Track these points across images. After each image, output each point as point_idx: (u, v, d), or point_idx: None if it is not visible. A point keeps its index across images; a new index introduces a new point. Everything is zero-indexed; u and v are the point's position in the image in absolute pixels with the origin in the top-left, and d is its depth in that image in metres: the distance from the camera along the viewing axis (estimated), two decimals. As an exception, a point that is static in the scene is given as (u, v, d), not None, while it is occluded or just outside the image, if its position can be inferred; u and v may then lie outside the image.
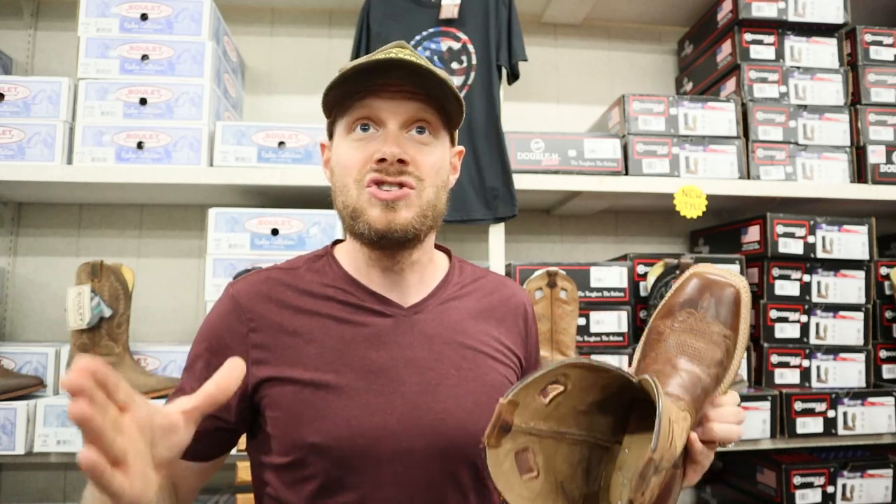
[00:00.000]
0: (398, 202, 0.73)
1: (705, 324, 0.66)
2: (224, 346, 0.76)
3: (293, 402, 0.74)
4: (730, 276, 0.68)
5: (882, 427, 1.54)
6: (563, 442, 0.61)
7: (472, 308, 0.85)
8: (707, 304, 0.67)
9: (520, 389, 0.56)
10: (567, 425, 0.61)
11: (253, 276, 0.82)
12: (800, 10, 1.68)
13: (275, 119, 1.84)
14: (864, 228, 1.61)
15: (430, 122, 0.77)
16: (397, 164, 0.73)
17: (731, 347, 0.66)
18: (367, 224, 0.74)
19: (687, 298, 0.68)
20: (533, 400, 0.58)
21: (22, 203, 1.73)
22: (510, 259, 1.60)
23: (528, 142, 1.57)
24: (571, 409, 0.61)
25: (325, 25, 1.90)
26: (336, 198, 0.78)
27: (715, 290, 0.67)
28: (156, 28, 1.47)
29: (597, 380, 0.60)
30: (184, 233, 1.78)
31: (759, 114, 1.64)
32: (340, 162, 0.77)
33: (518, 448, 0.58)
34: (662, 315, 0.69)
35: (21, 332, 1.70)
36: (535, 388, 0.57)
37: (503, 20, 1.57)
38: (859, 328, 1.60)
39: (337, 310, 0.78)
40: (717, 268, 0.70)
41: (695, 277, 0.69)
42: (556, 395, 0.59)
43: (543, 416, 0.59)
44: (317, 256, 0.85)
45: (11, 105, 1.42)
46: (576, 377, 0.59)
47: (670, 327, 0.67)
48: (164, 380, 1.37)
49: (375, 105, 0.75)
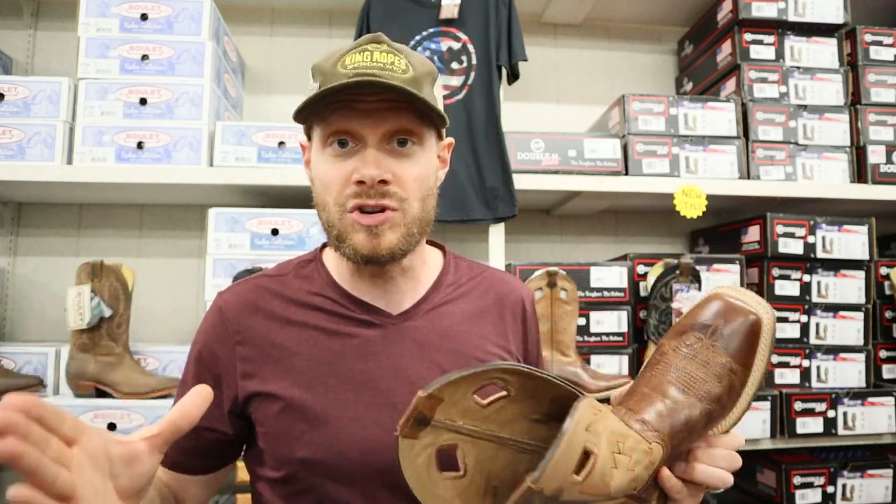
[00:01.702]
0: (382, 226, 0.70)
1: (712, 353, 0.59)
2: (214, 359, 0.76)
3: (281, 417, 0.72)
4: (755, 304, 0.61)
5: (882, 427, 1.53)
6: (507, 448, 0.58)
7: (466, 310, 0.82)
8: (720, 331, 0.60)
9: (443, 385, 0.52)
10: (514, 432, 0.58)
11: (241, 285, 0.80)
12: (800, 10, 1.68)
13: (275, 119, 1.84)
14: (864, 228, 1.61)
15: (412, 131, 0.72)
16: (378, 186, 0.69)
17: (736, 384, 0.59)
18: (352, 249, 0.71)
19: (701, 321, 0.61)
20: (464, 398, 0.54)
21: (22, 203, 1.73)
22: (510, 259, 1.60)
23: (528, 142, 1.57)
24: (519, 416, 0.58)
25: (325, 25, 1.90)
26: (318, 211, 0.75)
27: (732, 317, 0.60)
28: (156, 28, 1.47)
29: (546, 389, 0.56)
30: (184, 233, 1.77)
31: (759, 114, 1.64)
32: (319, 178, 0.73)
33: (441, 444, 0.55)
34: (672, 335, 0.63)
35: (21, 332, 1.70)
36: (465, 387, 0.54)
37: (503, 20, 1.57)
38: (859, 328, 1.60)
39: (324, 320, 0.76)
40: (745, 292, 0.62)
41: (716, 299, 0.62)
42: (498, 398, 0.56)
43: (481, 417, 0.56)
44: (306, 261, 0.83)
45: (11, 105, 1.42)
46: (518, 383, 0.55)
47: (675, 350, 0.61)
48: (164, 380, 1.37)
49: (353, 119, 0.69)
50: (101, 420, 1.31)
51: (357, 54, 0.70)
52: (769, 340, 0.60)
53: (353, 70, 0.68)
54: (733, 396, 0.59)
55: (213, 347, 0.76)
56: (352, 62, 0.69)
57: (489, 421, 0.56)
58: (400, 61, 0.70)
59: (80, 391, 1.35)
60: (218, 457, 0.78)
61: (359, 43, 0.72)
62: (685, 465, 0.59)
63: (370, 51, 0.70)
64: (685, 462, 0.59)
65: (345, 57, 0.70)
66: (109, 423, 1.31)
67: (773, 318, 0.61)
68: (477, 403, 0.55)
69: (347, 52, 0.71)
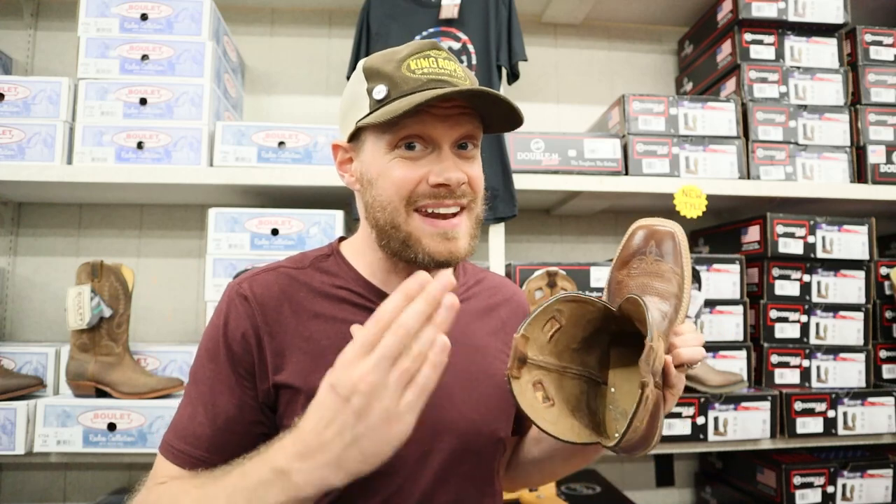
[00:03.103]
0: (457, 230, 0.73)
1: (656, 265, 0.75)
2: (246, 350, 0.74)
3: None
4: (666, 223, 0.79)
5: (882, 427, 1.53)
6: (565, 376, 0.71)
7: (478, 309, 0.85)
8: (653, 248, 0.77)
9: (528, 324, 0.66)
10: (565, 360, 0.71)
11: (262, 274, 0.78)
12: (800, 10, 1.68)
13: (275, 119, 1.84)
14: (864, 228, 1.61)
15: (475, 136, 0.76)
16: (458, 188, 0.72)
17: (680, 281, 0.75)
18: (425, 254, 0.72)
19: (636, 248, 0.78)
20: (540, 335, 0.67)
21: (22, 203, 1.73)
22: (510, 259, 1.60)
23: (528, 142, 1.57)
24: (566, 346, 0.70)
25: (325, 25, 1.90)
26: (373, 212, 0.75)
27: (656, 237, 0.77)
28: (156, 28, 1.47)
29: (584, 313, 0.69)
30: (184, 233, 1.78)
31: (759, 114, 1.64)
32: (387, 179, 0.73)
33: (534, 380, 0.67)
34: (618, 267, 0.78)
35: (21, 332, 1.70)
36: (539, 323, 0.67)
37: (503, 20, 1.57)
38: (859, 328, 1.60)
39: (352, 314, 0.76)
40: (656, 219, 0.80)
41: (639, 230, 0.79)
42: (555, 331, 0.68)
43: (548, 352, 0.69)
44: (324, 255, 0.82)
45: (11, 105, 1.42)
46: (568, 312, 0.68)
47: (628, 275, 0.76)
48: (164, 380, 1.37)
49: (429, 123, 0.71)
50: (101, 420, 1.31)
51: (422, 59, 0.73)
52: (686, 243, 0.78)
53: (424, 75, 0.71)
54: (681, 290, 0.75)
55: (244, 337, 0.74)
56: (418, 67, 0.72)
57: (552, 354, 0.69)
58: (459, 69, 0.74)
59: (80, 391, 1.35)
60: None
61: (419, 48, 0.74)
62: (670, 355, 0.70)
63: (434, 57, 0.73)
64: (669, 353, 0.70)
65: (408, 61, 0.72)
66: (109, 423, 1.31)
67: (680, 227, 0.79)
68: (545, 339, 0.68)
69: (409, 56, 0.73)
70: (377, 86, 0.72)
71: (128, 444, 1.31)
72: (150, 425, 1.32)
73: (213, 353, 0.75)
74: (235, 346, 0.74)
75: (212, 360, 0.75)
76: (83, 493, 1.66)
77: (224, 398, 0.73)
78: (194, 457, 0.72)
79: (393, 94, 0.71)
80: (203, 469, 0.70)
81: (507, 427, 0.83)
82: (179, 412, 0.76)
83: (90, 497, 1.64)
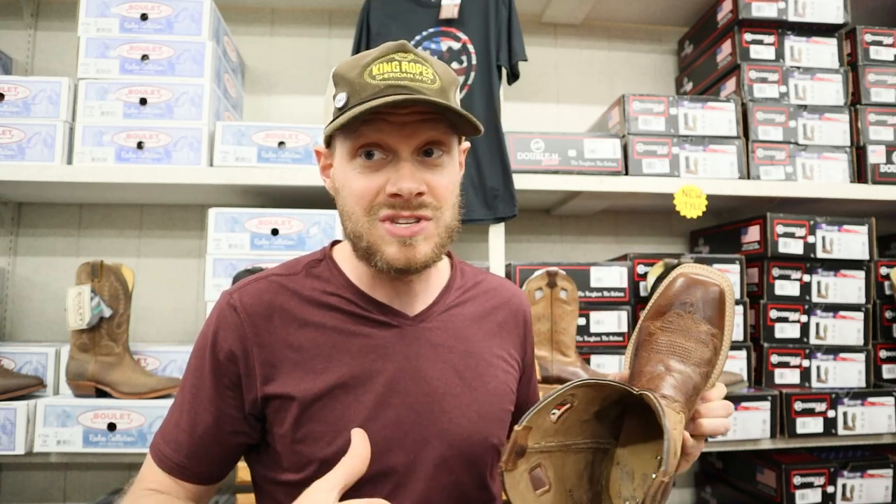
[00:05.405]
0: (416, 237, 0.70)
1: (693, 323, 0.68)
2: (232, 361, 0.73)
3: (301, 419, 0.72)
4: (715, 276, 0.71)
5: (882, 427, 1.53)
6: (569, 452, 0.65)
7: (474, 314, 0.83)
8: (694, 304, 0.69)
9: (533, 415, 0.60)
10: (573, 436, 0.65)
11: (252, 284, 0.78)
12: (800, 10, 1.68)
13: (275, 119, 1.84)
14: (864, 228, 1.61)
15: (442, 142, 0.71)
16: (414, 198, 0.68)
17: (717, 345, 0.68)
18: (384, 261, 0.70)
19: (674, 298, 0.70)
20: (544, 421, 0.61)
21: (22, 203, 1.73)
22: (510, 259, 1.60)
23: (528, 142, 1.57)
24: (576, 422, 0.65)
25: (325, 25, 1.90)
26: (343, 221, 0.74)
27: (700, 290, 0.70)
28: (156, 28, 1.47)
29: (600, 393, 0.63)
30: (184, 233, 1.78)
31: (759, 114, 1.64)
32: (348, 189, 0.72)
33: (531, 467, 0.62)
34: (652, 316, 0.71)
35: (21, 332, 1.70)
36: (546, 411, 0.61)
37: (503, 20, 1.57)
38: (859, 328, 1.60)
39: (341, 321, 0.76)
40: (703, 267, 0.72)
41: (681, 277, 0.71)
42: (564, 411, 0.63)
43: (553, 433, 0.63)
44: (316, 261, 0.81)
45: (11, 105, 1.42)
46: (581, 394, 0.62)
47: (660, 328, 0.69)
48: (164, 380, 1.37)
49: (385, 130, 0.68)
50: (101, 420, 1.31)
51: (385, 64, 0.69)
52: (732, 303, 0.70)
53: (383, 81, 0.67)
54: (717, 356, 0.69)
55: (231, 349, 0.74)
56: (380, 72, 0.68)
57: (558, 434, 0.64)
58: (427, 71, 0.70)
59: (80, 391, 1.35)
60: (236, 460, 0.78)
61: (384, 51, 0.70)
62: (693, 424, 0.67)
63: (398, 60, 0.69)
64: (692, 421, 0.67)
65: (371, 66, 0.69)
66: (109, 423, 1.31)
67: (731, 285, 0.71)
68: (550, 422, 0.63)
69: (373, 60, 0.69)
70: (339, 93, 0.70)
71: (128, 444, 1.31)
72: (150, 425, 1.32)
73: (200, 364, 0.76)
74: (222, 358, 0.74)
75: (198, 370, 0.76)
76: (83, 493, 1.66)
77: (204, 409, 0.74)
78: (176, 462, 0.74)
79: (351, 102, 0.68)
80: (183, 476, 0.74)
81: (502, 433, 0.81)
82: (168, 416, 0.78)
83: (90, 497, 1.64)
